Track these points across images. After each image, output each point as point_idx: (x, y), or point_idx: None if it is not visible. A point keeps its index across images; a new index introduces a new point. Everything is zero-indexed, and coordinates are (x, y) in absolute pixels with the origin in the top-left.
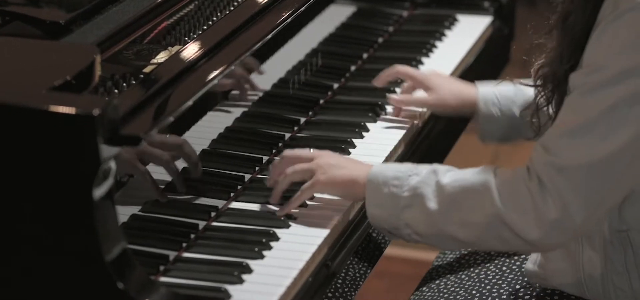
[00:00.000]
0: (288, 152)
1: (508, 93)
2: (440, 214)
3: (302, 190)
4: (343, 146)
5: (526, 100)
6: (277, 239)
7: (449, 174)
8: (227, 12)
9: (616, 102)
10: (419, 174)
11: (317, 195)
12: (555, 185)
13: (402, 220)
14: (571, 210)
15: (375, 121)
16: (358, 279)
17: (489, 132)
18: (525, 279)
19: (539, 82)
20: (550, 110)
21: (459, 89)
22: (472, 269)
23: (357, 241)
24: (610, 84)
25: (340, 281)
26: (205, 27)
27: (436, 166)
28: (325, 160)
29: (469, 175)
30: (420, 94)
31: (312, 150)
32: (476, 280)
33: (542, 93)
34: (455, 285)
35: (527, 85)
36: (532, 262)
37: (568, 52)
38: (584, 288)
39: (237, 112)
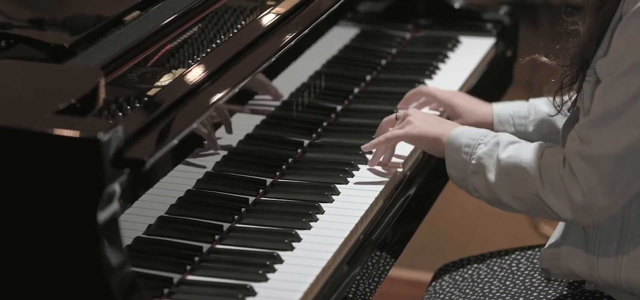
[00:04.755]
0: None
1: (521, 111)
2: (497, 185)
3: (392, 134)
4: (347, 168)
5: (539, 117)
6: (281, 261)
7: (509, 148)
8: (231, 35)
9: (638, 91)
10: (486, 143)
11: (323, 218)
12: (583, 173)
13: (470, 184)
14: (596, 196)
15: None
16: None
17: None
18: (531, 292)
19: (567, 62)
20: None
21: (477, 111)
22: (476, 285)
23: (362, 264)
24: (632, 74)
25: None
26: (209, 50)
27: (501, 136)
28: (418, 115)
29: (523, 151)
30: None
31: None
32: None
33: (568, 73)
34: None
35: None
36: (549, 244)
37: (597, 36)
38: (595, 271)
39: (240, 134)
